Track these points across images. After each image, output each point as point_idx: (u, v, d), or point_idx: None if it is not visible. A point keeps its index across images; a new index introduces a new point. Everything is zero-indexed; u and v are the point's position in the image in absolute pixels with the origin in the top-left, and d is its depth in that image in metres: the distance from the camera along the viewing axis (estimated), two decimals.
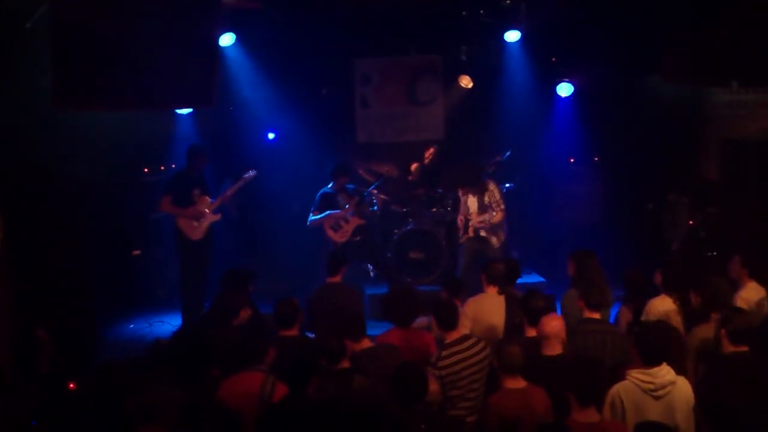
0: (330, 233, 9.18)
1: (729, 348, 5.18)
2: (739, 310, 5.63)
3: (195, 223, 8.79)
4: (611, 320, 6.72)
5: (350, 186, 9.43)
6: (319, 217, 9.14)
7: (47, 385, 5.10)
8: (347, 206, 9.17)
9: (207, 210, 8.84)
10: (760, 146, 9.55)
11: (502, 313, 6.33)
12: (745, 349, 5.14)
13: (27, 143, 8.01)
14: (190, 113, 10.09)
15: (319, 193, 9.24)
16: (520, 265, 7.14)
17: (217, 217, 8.94)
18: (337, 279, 7.07)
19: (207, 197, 8.90)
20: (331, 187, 9.25)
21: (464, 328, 6.00)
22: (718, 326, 5.30)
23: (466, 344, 5.54)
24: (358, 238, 9.25)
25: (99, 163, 9.02)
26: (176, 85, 8.83)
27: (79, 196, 8.69)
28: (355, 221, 9.25)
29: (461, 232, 8.84)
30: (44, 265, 8.02)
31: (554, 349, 5.32)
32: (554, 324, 5.36)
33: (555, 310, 6.74)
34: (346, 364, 5.26)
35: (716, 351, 5.32)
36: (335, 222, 9.18)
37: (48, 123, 8.22)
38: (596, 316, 5.82)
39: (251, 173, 9.20)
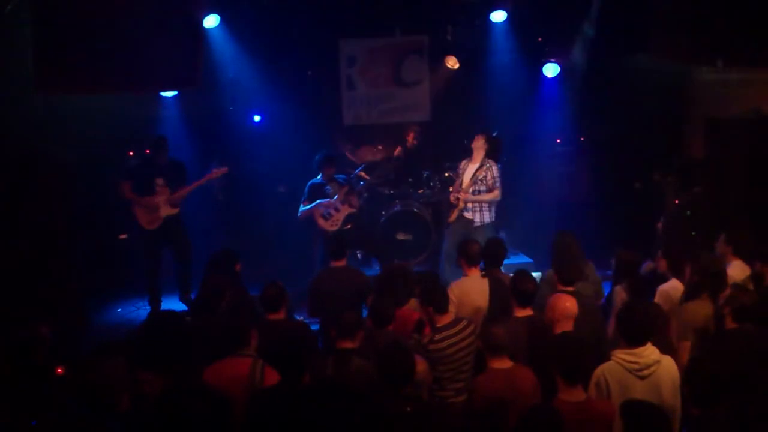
0: (321, 222, 9.18)
1: (731, 325, 5.30)
2: (743, 288, 5.70)
3: (149, 213, 8.68)
4: (603, 300, 6.86)
5: (340, 176, 9.42)
6: (308, 207, 9.14)
7: (43, 377, 5.07)
8: (337, 196, 9.17)
9: (164, 202, 8.71)
10: (745, 125, 9.57)
11: (486, 295, 6.32)
12: (747, 326, 5.25)
13: (10, 128, 7.95)
14: (174, 96, 10.03)
15: (308, 184, 9.24)
16: (505, 246, 7.12)
17: (175, 210, 8.74)
18: (342, 263, 6.96)
19: (168, 189, 8.74)
20: (319, 177, 9.25)
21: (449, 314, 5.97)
22: (722, 304, 5.39)
23: (458, 327, 5.54)
24: (349, 227, 9.25)
25: (83, 147, 8.95)
26: (161, 68, 8.81)
27: (63, 181, 8.64)
28: (346, 210, 9.24)
29: (453, 206, 8.72)
30: (30, 250, 7.99)
31: (566, 328, 5.33)
32: (567, 304, 5.38)
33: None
34: (349, 344, 5.22)
35: (718, 328, 5.42)
36: (325, 211, 9.18)
37: (31, 107, 8.16)
38: (570, 289, 5.94)
39: (221, 169, 8.99)
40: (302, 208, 9.21)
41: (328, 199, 9.16)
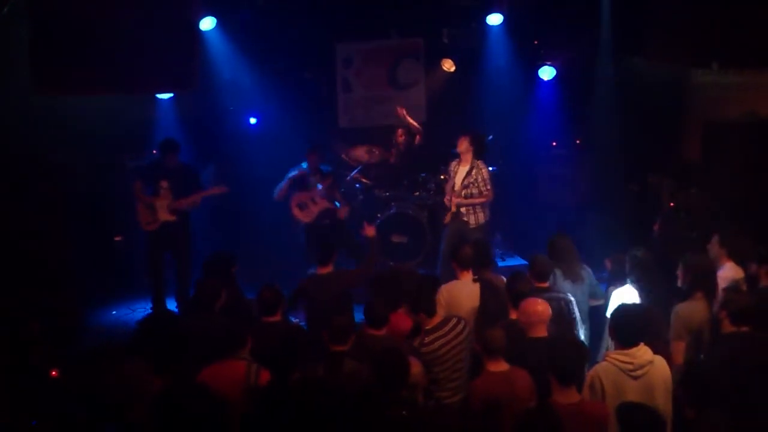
0: (296, 212, 9.05)
1: (729, 328, 5.28)
2: (740, 291, 5.70)
3: (148, 214, 8.66)
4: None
5: (325, 167, 9.35)
6: (282, 183, 9.06)
7: (38, 377, 5.06)
8: (319, 186, 9.08)
9: (163, 207, 8.66)
10: (740, 128, 9.60)
11: (476, 299, 6.30)
12: (745, 329, 5.24)
13: (6, 129, 7.94)
14: (170, 98, 10.03)
15: (290, 171, 9.21)
16: (491, 247, 7.11)
17: (172, 217, 8.66)
18: (329, 269, 6.86)
19: (171, 193, 8.66)
20: (305, 165, 9.20)
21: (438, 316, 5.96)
22: (719, 307, 5.39)
23: (447, 327, 5.56)
24: (327, 222, 9.17)
25: (80, 149, 8.94)
26: (158, 69, 8.82)
27: (60, 182, 8.63)
28: (323, 204, 9.15)
29: (447, 209, 8.73)
30: (26, 252, 7.97)
31: (540, 331, 5.34)
32: (539, 308, 5.38)
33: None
34: (340, 347, 5.22)
35: (715, 331, 5.43)
36: (302, 201, 9.09)
37: (28, 108, 8.16)
38: (544, 285, 6.10)
39: (222, 188, 8.92)
40: (279, 186, 9.15)
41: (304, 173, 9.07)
